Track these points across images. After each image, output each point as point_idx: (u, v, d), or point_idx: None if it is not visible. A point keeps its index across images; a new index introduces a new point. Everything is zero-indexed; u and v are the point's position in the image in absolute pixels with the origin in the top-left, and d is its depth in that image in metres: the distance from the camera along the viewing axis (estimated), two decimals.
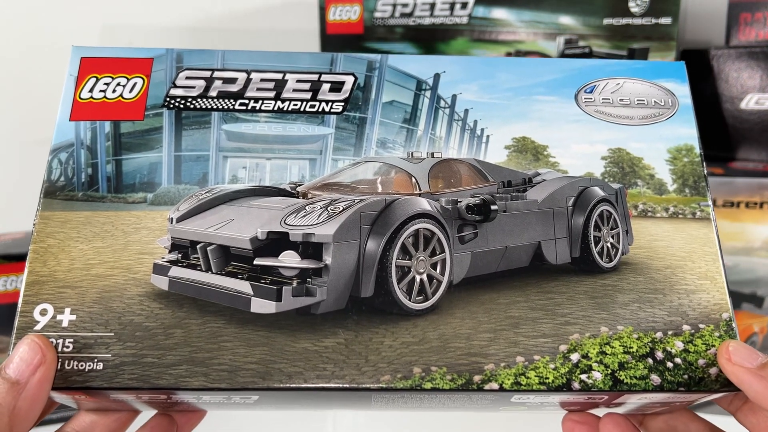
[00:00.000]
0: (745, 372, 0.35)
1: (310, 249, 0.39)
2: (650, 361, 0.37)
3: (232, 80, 0.39)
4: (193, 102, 0.39)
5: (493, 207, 0.42)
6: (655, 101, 0.42)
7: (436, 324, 0.39)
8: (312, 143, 0.40)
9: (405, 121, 0.40)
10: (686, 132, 0.42)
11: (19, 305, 0.39)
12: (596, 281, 0.42)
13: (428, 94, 0.39)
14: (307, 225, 0.39)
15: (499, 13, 0.69)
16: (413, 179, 0.42)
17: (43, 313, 0.38)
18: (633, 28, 0.68)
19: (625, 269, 0.44)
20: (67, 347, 0.37)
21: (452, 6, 0.69)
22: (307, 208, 0.40)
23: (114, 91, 0.39)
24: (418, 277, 0.41)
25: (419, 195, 0.42)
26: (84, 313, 0.38)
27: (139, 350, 0.37)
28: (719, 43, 0.71)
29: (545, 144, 0.41)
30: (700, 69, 0.69)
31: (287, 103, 0.39)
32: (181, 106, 0.39)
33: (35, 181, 0.77)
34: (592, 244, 0.46)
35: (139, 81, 0.39)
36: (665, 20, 0.67)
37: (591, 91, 0.41)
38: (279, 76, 0.39)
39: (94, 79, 0.39)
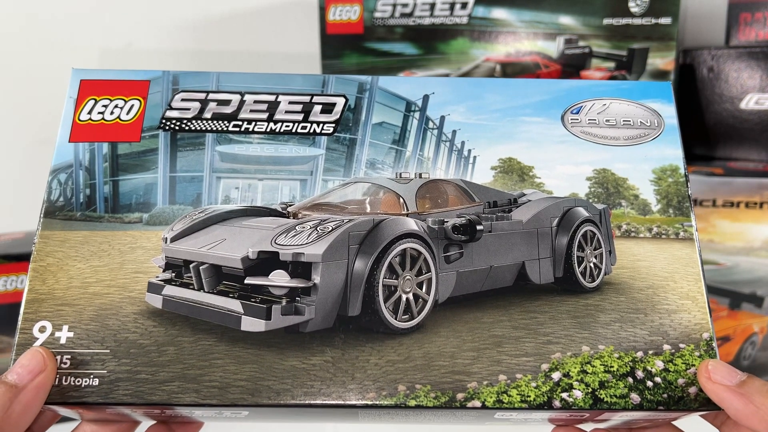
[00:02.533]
0: (725, 390, 0.35)
1: (300, 268, 0.40)
2: (630, 380, 0.38)
3: (226, 102, 0.39)
4: (188, 124, 0.40)
5: (478, 227, 0.42)
6: (641, 122, 0.42)
7: (421, 342, 0.40)
8: (303, 164, 0.40)
9: (394, 142, 0.41)
10: (672, 153, 0.42)
11: (20, 322, 0.40)
12: (579, 301, 0.42)
13: (417, 115, 0.40)
14: (297, 245, 0.39)
15: (499, 13, 0.69)
16: (401, 200, 0.42)
17: (42, 330, 0.40)
18: (633, 28, 0.68)
19: (608, 289, 0.44)
20: (65, 363, 0.38)
21: (452, 6, 0.69)
22: (297, 228, 0.41)
23: (112, 113, 0.39)
24: (404, 296, 0.41)
25: (407, 215, 0.43)
26: (81, 331, 0.39)
27: (134, 366, 0.38)
28: (719, 43, 0.71)
29: (531, 165, 0.42)
30: (700, 69, 0.69)
31: (279, 124, 0.40)
32: (177, 128, 0.40)
33: (35, 181, 0.78)
34: (576, 264, 0.47)
35: (136, 103, 0.39)
36: (665, 20, 0.67)
37: (577, 112, 0.41)
38: (272, 97, 0.39)
39: (93, 101, 0.40)
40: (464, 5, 0.69)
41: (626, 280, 0.43)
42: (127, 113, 0.39)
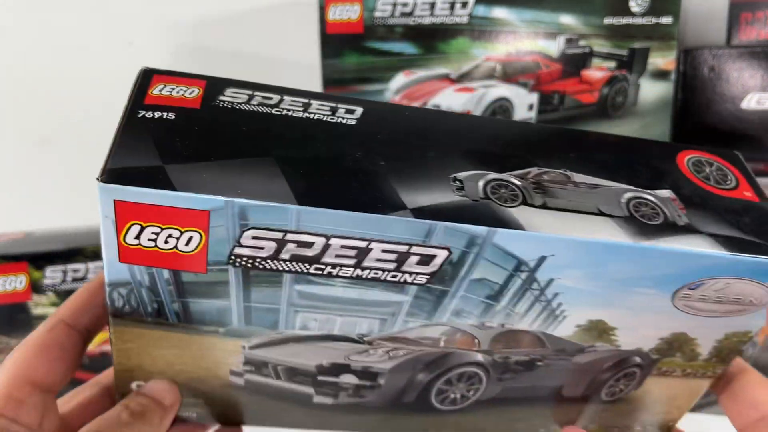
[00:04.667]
0: None
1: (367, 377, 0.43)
2: None
3: (308, 244, 0.34)
4: (263, 263, 0.35)
5: (538, 364, 0.44)
6: (750, 300, 0.39)
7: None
8: (386, 307, 0.39)
9: (488, 297, 0.38)
10: (755, 323, 0.41)
11: (114, 382, 0.43)
12: None
13: (524, 275, 0.36)
14: (368, 361, 0.42)
15: (499, 12, 0.69)
16: (476, 340, 0.42)
17: (139, 386, 0.43)
18: (633, 27, 0.68)
19: None
20: None
21: (452, 5, 0.69)
22: (370, 351, 0.42)
23: (166, 242, 0.33)
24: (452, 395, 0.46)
25: (477, 351, 0.43)
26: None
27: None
28: (720, 43, 0.71)
29: (615, 326, 0.41)
30: (700, 69, 0.69)
31: (367, 271, 0.35)
32: (249, 265, 0.35)
33: (35, 181, 0.78)
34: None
35: (196, 235, 0.33)
36: (666, 20, 0.67)
37: (695, 288, 0.38)
38: (363, 244, 0.34)
39: (138, 226, 0.32)
40: (464, 4, 0.69)
41: None
42: (186, 245, 0.33)
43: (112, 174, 0.31)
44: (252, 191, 0.32)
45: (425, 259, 0.35)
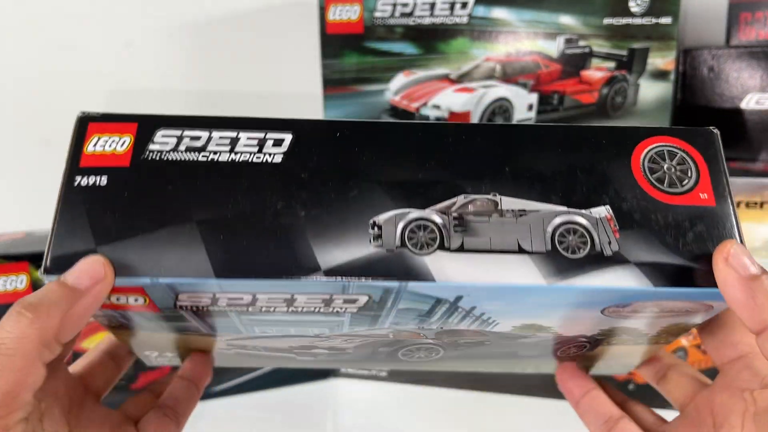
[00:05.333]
0: (735, 278, 0.34)
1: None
2: None
3: (238, 299, 0.37)
4: (206, 308, 0.38)
5: None
6: (687, 310, 0.38)
7: None
8: (330, 322, 0.41)
9: (419, 316, 0.39)
10: (700, 318, 0.40)
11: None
12: None
13: (446, 306, 0.37)
14: (332, 343, 0.46)
15: (499, 12, 0.69)
16: (422, 334, 0.43)
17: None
18: (633, 27, 0.68)
19: None
20: None
21: (452, 6, 0.69)
22: (330, 339, 0.44)
23: (118, 300, 0.37)
24: None
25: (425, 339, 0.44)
26: None
27: None
28: (719, 43, 0.71)
29: (551, 325, 0.41)
30: (700, 69, 0.69)
31: (300, 308, 0.38)
32: (195, 310, 0.38)
33: (35, 181, 0.78)
34: None
35: (140, 297, 0.37)
36: (665, 20, 0.67)
37: (624, 307, 0.37)
38: (287, 296, 0.36)
39: None
40: (464, 5, 0.69)
41: None
42: (135, 302, 0.37)
43: (54, 263, 0.35)
44: (173, 269, 0.34)
45: (349, 301, 0.37)
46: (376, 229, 0.35)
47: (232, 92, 0.77)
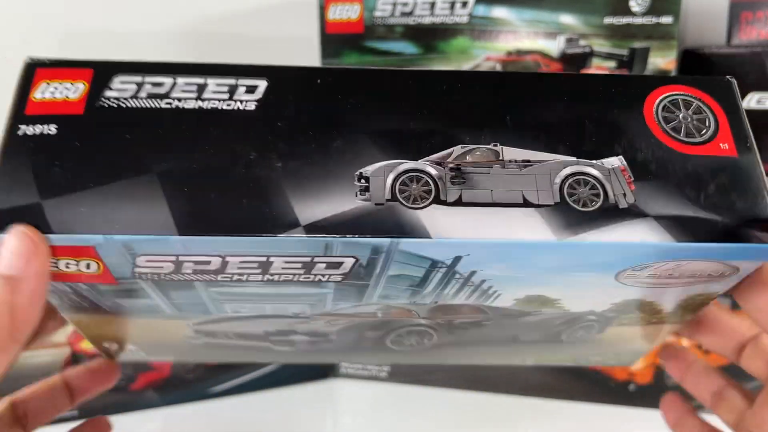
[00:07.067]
0: None
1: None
2: None
3: (206, 262, 0.32)
4: (168, 276, 0.34)
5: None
6: (709, 274, 0.35)
7: None
8: (311, 296, 0.37)
9: (411, 286, 0.35)
10: (721, 286, 0.37)
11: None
12: None
13: (443, 270, 0.33)
14: (313, 327, 0.43)
15: (499, 11, 0.69)
16: (413, 311, 0.40)
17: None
18: (634, 27, 0.68)
19: None
20: None
21: (452, 5, 0.69)
22: (311, 322, 0.42)
23: (68, 266, 0.33)
24: None
25: (417, 318, 0.41)
26: None
27: None
28: (720, 43, 0.71)
29: (558, 298, 0.38)
30: (700, 69, 0.69)
31: (277, 276, 0.34)
32: (156, 278, 0.34)
33: None
34: None
35: (93, 262, 0.32)
36: (666, 19, 0.67)
37: (641, 270, 0.34)
38: (262, 258, 0.32)
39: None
40: (464, 4, 0.69)
41: None
42: (87, 268, 0.33)
43: None
44: (129, 224, 0.31)
45: (333, 265, 0.33)
46: (362, 181, 0.32)
47: None
